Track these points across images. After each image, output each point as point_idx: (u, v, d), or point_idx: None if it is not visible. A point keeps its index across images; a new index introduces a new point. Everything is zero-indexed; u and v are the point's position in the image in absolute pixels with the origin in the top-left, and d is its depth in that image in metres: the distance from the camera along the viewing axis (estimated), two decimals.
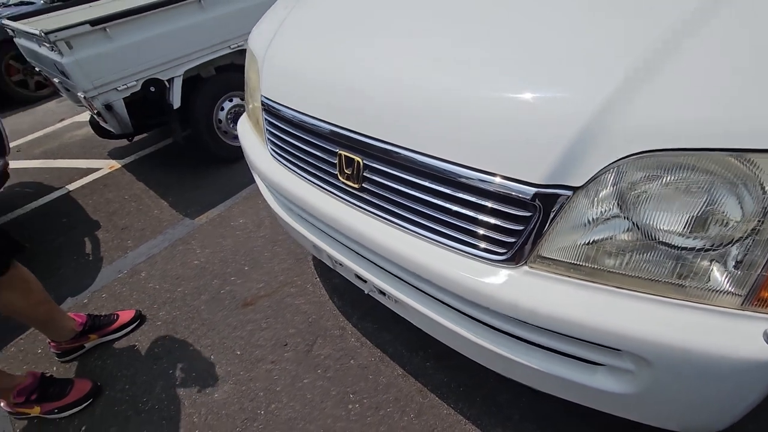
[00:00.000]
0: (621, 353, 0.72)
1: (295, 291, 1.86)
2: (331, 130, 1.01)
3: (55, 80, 2.57)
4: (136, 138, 3.16)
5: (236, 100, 2.78)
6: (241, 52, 2.77)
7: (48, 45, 1.99)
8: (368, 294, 1.26)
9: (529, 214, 0.73)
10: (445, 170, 0.80)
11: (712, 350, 0.63)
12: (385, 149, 0.89)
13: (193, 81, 2.59)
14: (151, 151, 3.31)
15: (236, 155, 2.89)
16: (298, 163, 1.17)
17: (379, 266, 1.06)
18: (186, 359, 1.65)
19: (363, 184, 0.97)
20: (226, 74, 2.77)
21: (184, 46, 2.38)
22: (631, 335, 0.67)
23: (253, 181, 2.66)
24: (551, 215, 0.71)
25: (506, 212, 0.75)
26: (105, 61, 2.11)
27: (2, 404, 1.50)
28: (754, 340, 0.62)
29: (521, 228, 0.74)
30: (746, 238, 0.61)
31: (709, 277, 0.65)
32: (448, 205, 0.82)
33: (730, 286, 0.63)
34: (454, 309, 0.90)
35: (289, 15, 1.31)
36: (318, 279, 1.89)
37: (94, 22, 2.02)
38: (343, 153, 0.99)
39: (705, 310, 0.65)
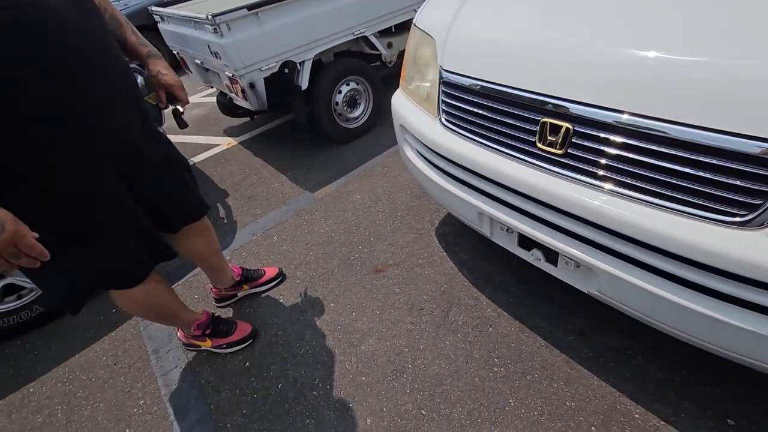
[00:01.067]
0: None
1: (422, 262, 1.96)
2: (537, 99, 1.08)
3: (197, 61, 2.85)
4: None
5: (352, 85, 2.94)
6: (357, 40, 2.93)
7: (211, 27, 2.23)
8: (532, 263, 1.31)
9: None
10: (687, 134, 0.84)
11: None
12: (608, 116, 0.94)
13: (315, 65, 2.78)
14: (264, 131, 3.58)
15: (348, 137, 3.07)
16: (482, 132, 1.25)
17: (565, 231, 1.11)
18: (329, 314, 1.80)
19: (568, 150, 1.04)
20: (343, 60, 2.94)
21: (318, 31, 2.56)
22: None
23: (364, 161, 2.85)
24: None
25: (757, 174, 0.78)
26: (254, 43, 2.33)
27: (179, 335, 1.74)
28: None
29: None
30: None
31: None
32: (682, 169, 0.86)
33: None
34: (666, 275, 0.94)
35: None
36: (444, 253, 1.99)
37: (250, 7, 2.24)
38: (549, 120, 1.06)
39: None
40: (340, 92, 2.90)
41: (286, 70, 2.58)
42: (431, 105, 1.46)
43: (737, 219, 0.81)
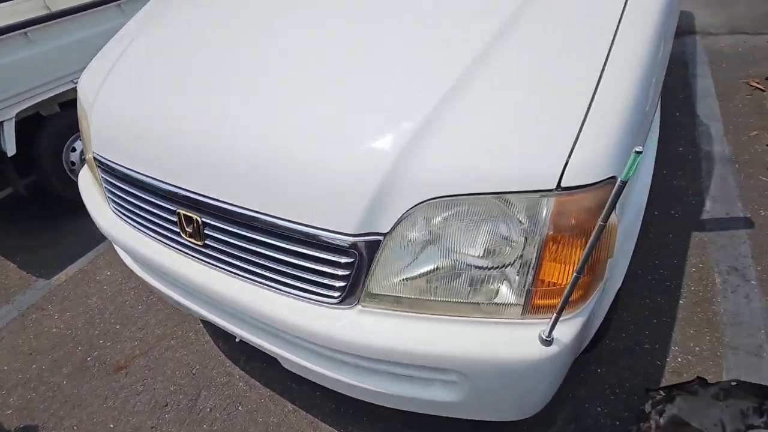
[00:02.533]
0: (447, 370, 0.82)
1: (175, 343, 1.74)
2: (167, 189, 0.98)
3: None
4: None
5: None
6: None
7: None
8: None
9: (351, 260, 0.79)
10: (274, 225, 0.83)
11: (506, 356, 0.76)
12: (219, 207, 0.90)
13: (33, 121, 2.28)
14: None
15: None
16: (142, 222, 1.11)
17: (234, 315, 1.06)
18: None
19: (206, 241, 0.97)
20: (73, 110, 2.49)
21: (13, 86, 2.08)
22: (447, 355, 0.78)
23: None
24: (370, 259, 0.79)
25: (333, 260, 0.81)
26: None
27: None
28: (534, 343, 0.75)
29: (348, 273, 0.81)
30: (516, 260, 0.74)
31: (496, 294, 0.77)
32: (283, 257, 0.85)
33: (512, 299, 0.77)
34: (297, 344, 0.94)
35: (120, 58, 1.23)
36: (200, 325, 1.80)
37: None
38: (182, 212, 0.97)
39: (497, 323, 0.77)
40: (74, 150, 2.44)
41: None
42: (100, 186, 1.26)
43: (333, 300, 0.84)
